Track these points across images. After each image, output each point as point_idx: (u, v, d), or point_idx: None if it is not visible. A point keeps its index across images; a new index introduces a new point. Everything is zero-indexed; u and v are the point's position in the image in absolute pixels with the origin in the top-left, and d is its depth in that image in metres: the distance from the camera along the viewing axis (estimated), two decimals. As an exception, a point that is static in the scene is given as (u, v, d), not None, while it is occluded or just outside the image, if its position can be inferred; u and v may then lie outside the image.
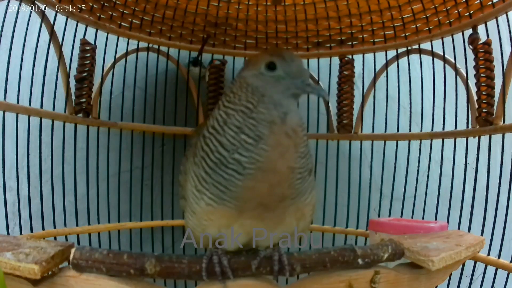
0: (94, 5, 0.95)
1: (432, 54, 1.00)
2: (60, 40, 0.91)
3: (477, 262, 0.87)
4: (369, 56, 1.10)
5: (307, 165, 0.53)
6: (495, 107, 0.85)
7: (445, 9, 0.94)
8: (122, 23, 1.02)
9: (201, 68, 1.17)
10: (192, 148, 0.56)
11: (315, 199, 0.58)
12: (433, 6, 0.95)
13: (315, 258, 0.55)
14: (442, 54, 0.98)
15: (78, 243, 0.89)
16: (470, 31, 0.91)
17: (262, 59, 0.54)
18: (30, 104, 0.87)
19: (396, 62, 1.07)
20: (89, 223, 0.97)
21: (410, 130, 1.07)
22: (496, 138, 0.86)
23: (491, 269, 0.85)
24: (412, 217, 1.04)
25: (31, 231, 0.86)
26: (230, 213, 0.52)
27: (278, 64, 0.53)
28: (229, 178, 0.50)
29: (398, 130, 1.08)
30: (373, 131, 1.11)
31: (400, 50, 1.06)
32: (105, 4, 0.97)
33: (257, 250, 0.55)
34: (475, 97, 0.89)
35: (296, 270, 0.54)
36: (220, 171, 0.50)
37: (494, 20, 0.86)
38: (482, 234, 0.83)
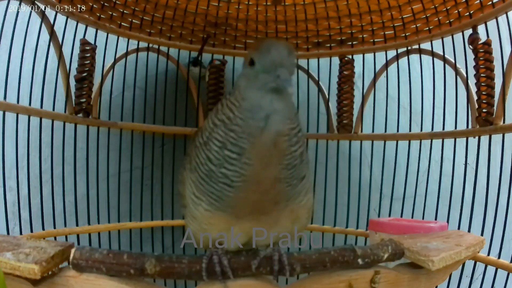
0: (94, 5, 0.95)
1: (432, 54, 1.00)
2: (60, 40, 0.91)
3: (477, 262, 0.87)
4: (369, 56, 1.10)
5: (296, 175, 0.51)
6: (495, 107, 0.85)
7: (445, 9, 0.94)
8: (122, 23, 1.02)
9: (201, 68, 1.16)
10: (189, 156, 0.56)
11: (311, 203, 0.57)
12: (433, 6, 0.95)
13: (315, 258, 0.55)
14: (442, 54, 0.98)
15: (78, 243, 0.89)
16: (470, 31, 0.91)
17: (247, 55, 0.50)
18: (30, 104, 0.87)
19: (396, 62, 1.07)
20: (89, 223, 0.97)
21: (410, 130, 1.07)
22: (496, 138, 0.86)
23: (491, 269, 0.85)
24: (412, 217, 1.03)
25: (31, 231, 0.86)
26: (228, 218, 0.52)
27: (256, 58, 0.48)
28: (221, 190, 0.49)
29: (398, 130, 1.08)
30: (373, 131, 1.11)
31: (400, 50, 1.06)
32: (105, 4, 0.97)
33: (257, 250, 0.55)
34: (475, 97, 0.89)
35: (296, 270, 0.54)
36: (211, 182, 0.50)
37: (494, 20, 0.86)
38: (482, 234, 0.83)
